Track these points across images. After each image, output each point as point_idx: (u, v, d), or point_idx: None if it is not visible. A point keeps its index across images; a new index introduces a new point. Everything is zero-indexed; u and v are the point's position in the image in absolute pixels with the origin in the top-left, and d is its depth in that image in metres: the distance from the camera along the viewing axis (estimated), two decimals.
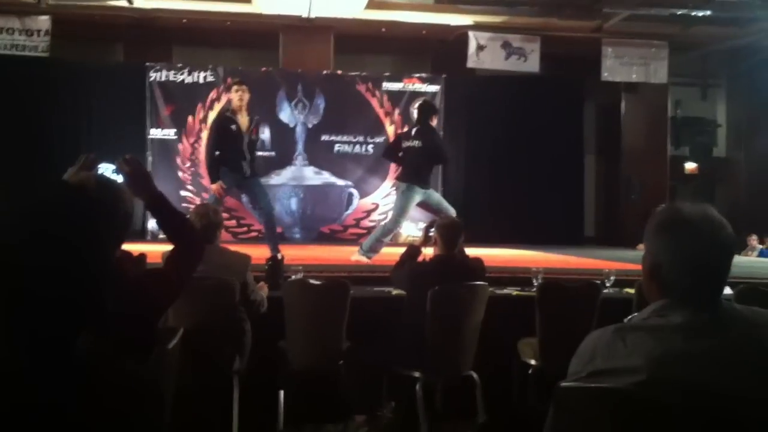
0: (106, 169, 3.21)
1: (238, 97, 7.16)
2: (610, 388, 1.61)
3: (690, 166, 13.81)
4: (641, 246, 7.92)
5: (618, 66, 11.76)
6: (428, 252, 4.84)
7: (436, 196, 7.72)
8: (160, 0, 10.41)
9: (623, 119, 12.76)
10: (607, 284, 5.26)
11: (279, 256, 5.48)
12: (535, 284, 5.02)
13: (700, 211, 1.69)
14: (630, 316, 1.85)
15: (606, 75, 11.75)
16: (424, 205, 7.76)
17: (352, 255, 7.51)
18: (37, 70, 10.80)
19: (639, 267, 5.70)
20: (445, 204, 7.61)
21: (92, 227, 1.37)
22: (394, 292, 5.12)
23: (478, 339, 4.42)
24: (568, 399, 1.68)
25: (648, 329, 1.65)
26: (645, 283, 1.78)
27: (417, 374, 4.32)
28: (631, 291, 4.97)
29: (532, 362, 4.60)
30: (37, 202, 1.34)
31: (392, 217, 7.76)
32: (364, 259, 7.34)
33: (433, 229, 4.68)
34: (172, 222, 2.46)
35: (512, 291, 5.40)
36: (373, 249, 7.48)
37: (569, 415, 1.68)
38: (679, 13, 10.40)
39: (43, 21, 10.61)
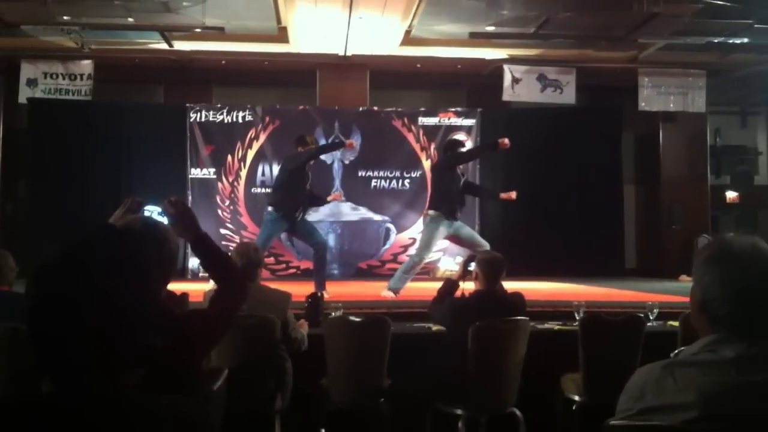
0: (152, 212, 3.25)
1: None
2: (660, 426, 1.59)
3: (731, 194, 13.60)
4: (684, 277, 7.84)
5: (655, 95, 11.68)
6: (466, 287, 4.81)
7: (467, 230, 7.70)
8: (199, 42, 10.60)
9: (662, 149, 12.63)
10: (651, 317, 5.18)
11: (319, 293, 5.48)
12: (578, 318, 4.96)
13: (748, 242, 1.67)
14: (677, 351, 1.82)
15: (643, 105, 11.68)
16: (455, 239, 7.74)
17: (381, 291, 7.52)
18: (80, 112, 11.04)
19: (682, 299, 5.64)
20: (478, 238, 7.58)
21: (139, 267, 1.39)
22: (434, 327, 5.10)
23: (521, 375, 4.37)
24: None
25: (699, 364, 1.62)
26: (694, 317, 1.75)
27: (459, 411, 4.27)
28: (676, 324, 4.88)
29: (576, 398, 4.54)
30: (86, 244, 1.36)
31: (417, 250, 7.77)
32: (391, 295, 7.33)
33: (472, 264, 4.66)
34: (217, 261, 2.47)
35: (554, 325, 5.34)
36: (400, 284, 7.48)
37: None
38: (716, 41, 10.32)
39: (86, 65, 10.87)
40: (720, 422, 1.54)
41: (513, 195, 7.73)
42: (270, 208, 7.68)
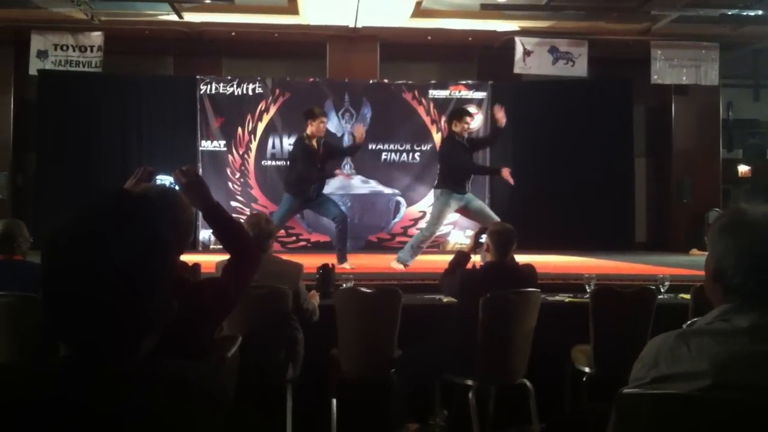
0: (163, 181, 3.25)
1: (318, 127, 7.51)
2: (674, 394, 1.59)
3: (743, 168, 13.52)
4: (695, 251, 7.83)
5: (667, 68, 11.59)
6: (477, 259, 4.82)
7: (477, 203, 7.67)
8: (208, 14, 10.57)
9: (674, 122, 12.54)
10: (662, 290, 5.18)
11: (331, 265, 5.50)
12: (588, 290, 4.96)
13: (762, 212, 1.66)
14: (690, 321, 1.82)
15: (655, 78, 11.59)
16: (464, 211, 7.74)
17: (391, 262, 7.55)
18: (90, 84, 11.04)
19: (693, 272, 5.64)
20: (489, 211, 7.56)
21: (155, 233, 1.39)
22: (445, 299, 5.11)
23: (531, 346, 4.38)
24: (632, 405, 1.66)
25: (712, 333, 1.62)
26: (708, 286, 1.75)
27: (470, 382, 4.30)
28: (687, 297, 4.88)
29: (586, 369, 4.56)
30: (100, 208, 1.36)
31: (428, 224, 7.80)
32: (400, 267, 7.37)
33: (483, 236, 4.66)
34: (229, 231, 2.48)
35: (564, 297, 5.34)
36: (409, 256, 7.51)
37: (632, 421, 1.66)
38: (729, 13, 10.21)
39: (96, 37, 10.85)
40: (733, 391, 1.54)
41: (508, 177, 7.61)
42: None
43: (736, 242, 1.66)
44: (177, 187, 2.48)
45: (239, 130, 11.12)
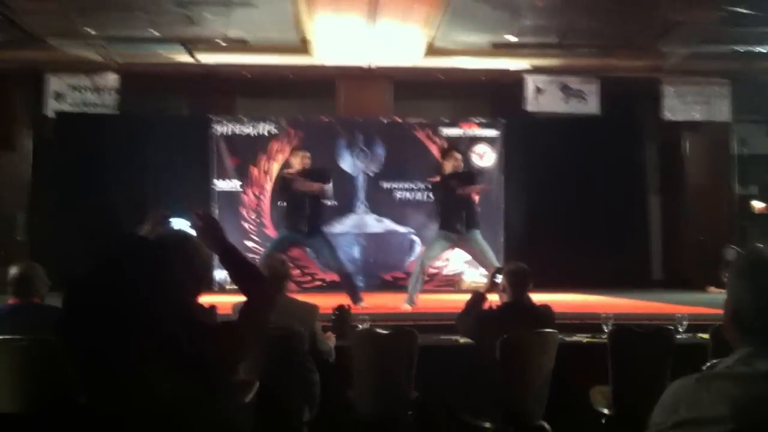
0: (179, 223, 3.25)
1: (299, 162, 7.60)
2: None
3: (759, 205, 13.44)
4: (712, 288, 7.75)
5: (679, 105, 11.59)
6: (494, 298, 4.80)
7: (478, 244, 7.73)
8: (222, 55, 10.68)
9: (686, 158, 12.52)
10: (680, 329, 5.13)
11: (347, 306, 5.49)
12: (606, 330, 4.92)
13: None
14: (710, 363, 1.81)
15: (667, 114, 11.59)
16: (467, 249, 7.88)
17: (401, 305, 7.66)
18: (105, 125, 11.15)
19: (710, 311, 5.59)
20: (489, 254, 7.72)
21: (172, 278, 1.40)
22: (462, 340, 5.08)
23: (549, 387, 4.34)
24: None
25: (733, 378, 1.61)
26: (727, 329, 1.73)
27: (488, 425, 4.25)
28: (706, 336, 4.83)
29: (605, 411, 4.50)
30: (120, 257, 1.38)
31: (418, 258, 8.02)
32: (408, 307, 7.44)
33: (499, 275, 4.65)
34: (244, 274, 2.49)
35: (582, 338, 5.30)
36: (412, 294, 7.67)
37: None
38: (740, 50, 10.24)
39: (112, 79, 10.98)
40: None
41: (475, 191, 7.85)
42: None
43: (752, 285, 1.65)
44: (193, 230, 2.49)
45: (254, 169, 11.19)
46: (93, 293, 1.31)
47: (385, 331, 4.54)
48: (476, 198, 8.03)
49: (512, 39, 10.06)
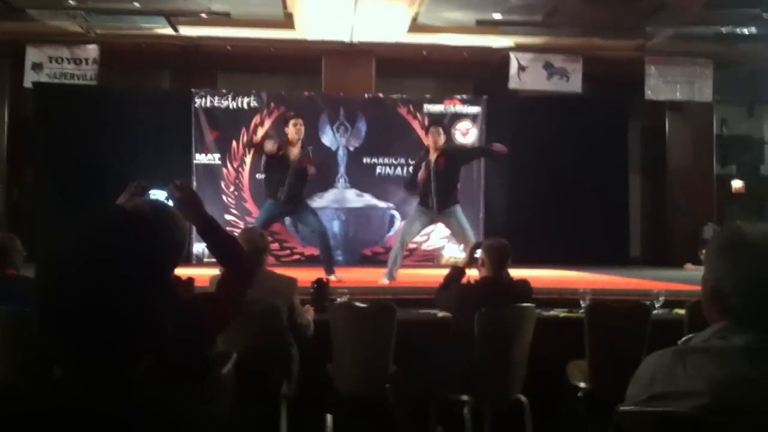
0: (158, 195, 3.22)
1: (295, 130, 7.53)
2: (670, 412, 1.58)
3: (737, 184, 13.56)
4: (689, 265, 7.86)
5: (662, 85, 11.63)
6: (473, 273, 4.81)
7: (457, 220, 7.75)
8: (204, 28, 10.57)
9: (668, 138, 12.60)
10: (657, 305, 5.17)
11: (325, 279, 5.49)
12: (583, 306, 4.96)
13: (762, 231, 1.65)
14: (686, 337, 1.81)
15: (650, 94, 11.64)
16: (446, 224, 7.90)
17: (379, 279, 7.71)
18: (85, 97, 11.04)
19: (687, 287, 5.63)
20: (467, 231, 7.76)
21: (151, 252, 1.39)
22: (440, 314, 5.10)
23: (527, 362, 4.37)
24: (628, 423, 1.65)
25: (709, 352, 1.62)
26: (705, 304, 1.74)
27: (465, 398, 4.28)
28: (682, 312, 4.87)
29: (582, 385, 4.53)
30: (97, 228, 1.36)
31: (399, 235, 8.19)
32: (385, 282, 7.48)
33: (479, 250, 4.65)
34: (223, 246, 2.47)
35: (559, 313, 5.34)
36: (392, 270, 7.70)
37: None
38: (724, 31, 10.26)
39: (92, 50, 10.86)
40: (729, 410, 1.53)
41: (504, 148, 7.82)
42: None
43: (734, 263, 1.65)
44: (171, 202, 2.47)
45: (234, 143, 11.12)
46: (70, 265, 1.28)
47: (363, 305, 4.54)
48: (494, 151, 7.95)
49: (497, 17, 10.01)
